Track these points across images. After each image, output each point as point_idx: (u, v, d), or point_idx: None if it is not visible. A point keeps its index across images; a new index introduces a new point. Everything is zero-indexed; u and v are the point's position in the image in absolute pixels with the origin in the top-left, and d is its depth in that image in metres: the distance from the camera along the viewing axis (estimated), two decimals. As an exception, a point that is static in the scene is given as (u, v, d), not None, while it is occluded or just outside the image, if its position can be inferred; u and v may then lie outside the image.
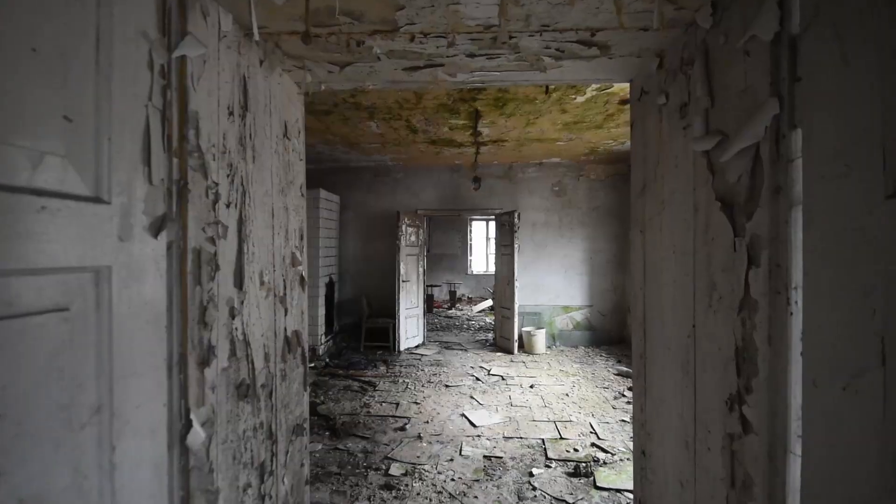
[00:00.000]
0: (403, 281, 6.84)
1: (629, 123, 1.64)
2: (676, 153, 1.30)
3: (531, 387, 5.15)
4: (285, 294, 1.46)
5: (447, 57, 1.42)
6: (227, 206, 1.14)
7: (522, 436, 3.83)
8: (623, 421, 4.11)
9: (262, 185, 1.33)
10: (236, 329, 1.18)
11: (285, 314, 1.46)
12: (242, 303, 1.21)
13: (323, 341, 6.64)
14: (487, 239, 13.78)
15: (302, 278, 1.61)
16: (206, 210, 1.06)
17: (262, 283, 1.32)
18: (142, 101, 0.87)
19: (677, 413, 1.30)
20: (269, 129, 1.39)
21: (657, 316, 1.42)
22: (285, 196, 1.48)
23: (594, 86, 4.07)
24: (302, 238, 1.64)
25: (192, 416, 0.99)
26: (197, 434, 1.00)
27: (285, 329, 1.46)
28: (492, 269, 13.40)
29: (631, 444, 3.62)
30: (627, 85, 4.04)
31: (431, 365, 6.07)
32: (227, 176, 1.15)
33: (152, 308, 0.88)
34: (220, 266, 1.10)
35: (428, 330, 8.14)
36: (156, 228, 0.89)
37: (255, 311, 1.27)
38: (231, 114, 1.17)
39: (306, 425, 1.66)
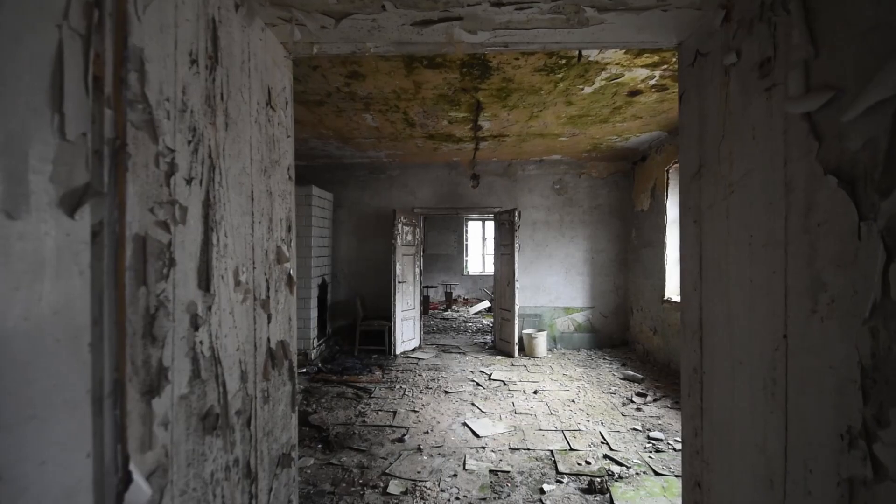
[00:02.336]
0: (400, 282, 6.56)
1: (677, 95, 1.39)
2: (753, 122, 1.05)
3: (535, 392, 4.91)
4: (269, 297, 1.19)
5: (468, 6, 1.16)
6: (188, 181, 0.87)
7: (529, 447, 3.58)
8: (634, 429, 3.88)
9: (237, 161, 1.06)
10: (201, 343, 0.91)
11: (268, 321, 1.19)
12: (210, 309, 0.93)
13: (315, 345, 6.34)
14: (484, 239, 13.54)
15: (290, 278, 1.34)
16: (157, 184, 0.79)
17: (237, 283, 1.04)
18: (51, 19, 0.60)
19: (755, 444, 1.05)
20: (247, 92, 1.12)
21: (721, 322, 1.17)
22: (269, 178, 1.21)
23: (604, 75, 3.84)
24: (290, 230, 1.36)
25: (131, 467, 0.72)
26: (139, 490, 0.72)
27: (268, 340, 1.18)
28: (488, 269, 13.16)
29: (646, 456, 3.38)
30: (638, 75, 3.79)
31: (429, 369, 5.80)
32: (189, 143, 0.88)
33: (66, 319, 0.61)
34: (176, 260, 0.82)
35: (424, 332, 7.86)
36: (72, 204, 0.62)
37: (228, 318, 1.00)
38: (195, 62, 0.90)
39: (295, 453, 1.38)
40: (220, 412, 0.97)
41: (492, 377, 5.46)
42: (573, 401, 4.64)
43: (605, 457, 3.38)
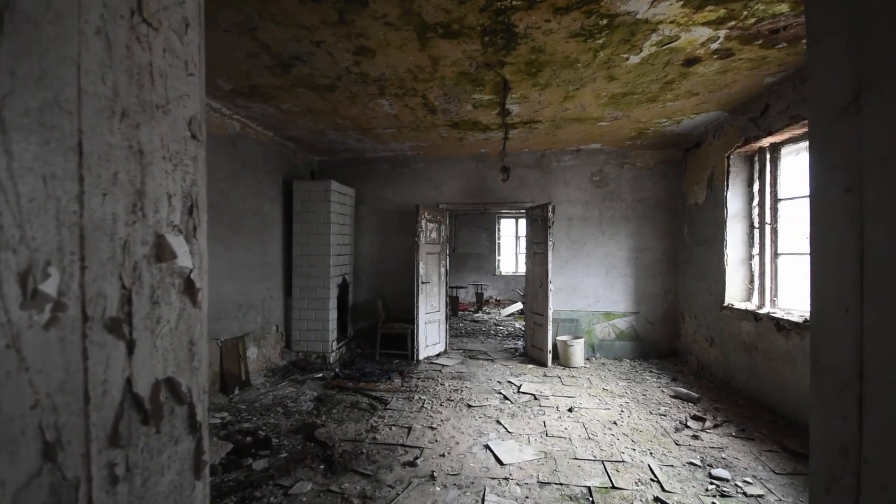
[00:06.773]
0: (423, 282, 6.13)
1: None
2: None
3: (570, 410, 4.32)
4: (129, 313, 0.74)
5: None
6: None
7: (562, 481, 3.03)
8: (692, 464, 3.23)
9: (38, 88, 0.61)
10: None
11: (129, 352, 0.74)
12: (-73, 344, 0.50)
13: (334, 348, 6.03)
14: (517, 237, 12.91)
15: (188, 282, 0.88)
16: None
17: (30, 294, 0.60)
18: None
19: None
20: (72, -22, 0.68)
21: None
22: (137, 128, 0.76)
23: (654, 38, 3.22)
24: (191, 212, 0.91)
25: None
26: None
27: (129, 381, 0.74)
28: (521, 269, 12.52)
29: (709, 503, 2.75)
30: (697, 37, 3.12)
31: (453, 378, 5.33)
32: None
33: None
34: None
35: (451, 336, 7.40)
36: None
37: (4, 355, 0.57)
38: None
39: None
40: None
41: (521, 389, 4.91)
42: (615, 422, 4.01)
43: (657, 500, 2.77)
